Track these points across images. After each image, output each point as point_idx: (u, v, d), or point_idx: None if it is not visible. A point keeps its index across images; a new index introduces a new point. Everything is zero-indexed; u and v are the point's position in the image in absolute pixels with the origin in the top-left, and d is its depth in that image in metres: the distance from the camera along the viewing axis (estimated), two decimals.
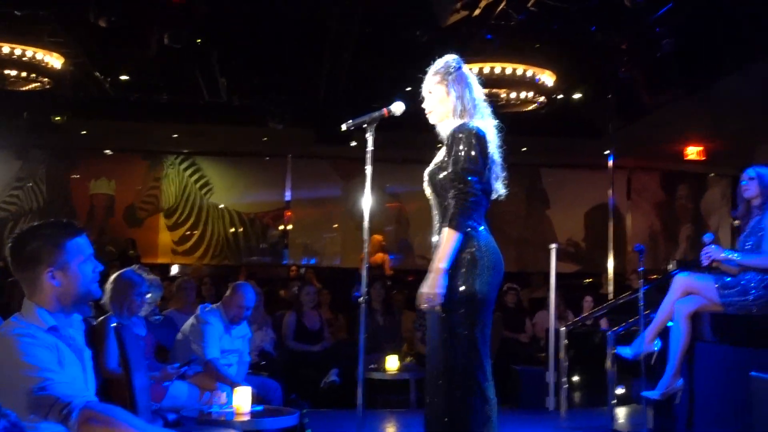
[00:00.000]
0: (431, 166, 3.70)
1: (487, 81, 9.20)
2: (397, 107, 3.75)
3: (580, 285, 14.31)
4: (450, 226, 3.44)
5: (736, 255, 5.12)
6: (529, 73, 9.45)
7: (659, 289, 7.28)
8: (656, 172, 16.48)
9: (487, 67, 9.16)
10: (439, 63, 3.74)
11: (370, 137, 3.73)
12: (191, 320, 5.82)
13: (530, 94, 9.90)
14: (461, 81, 3.69)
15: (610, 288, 11.36)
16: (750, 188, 5.24)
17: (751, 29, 8.22)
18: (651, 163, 15.94)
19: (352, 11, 8.52)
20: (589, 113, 12.20)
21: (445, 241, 3.44)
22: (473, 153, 3.49)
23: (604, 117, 11.55)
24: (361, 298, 3.67)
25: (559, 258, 8.37)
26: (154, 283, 5.68)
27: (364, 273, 3.68)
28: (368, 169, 3.72)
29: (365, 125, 3.75)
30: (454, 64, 3.73)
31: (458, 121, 3.63)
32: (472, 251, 3.48)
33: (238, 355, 5.86)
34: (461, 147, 3.49)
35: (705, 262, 5.27)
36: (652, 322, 5.61)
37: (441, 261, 3.42)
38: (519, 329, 10.25)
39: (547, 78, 9.68)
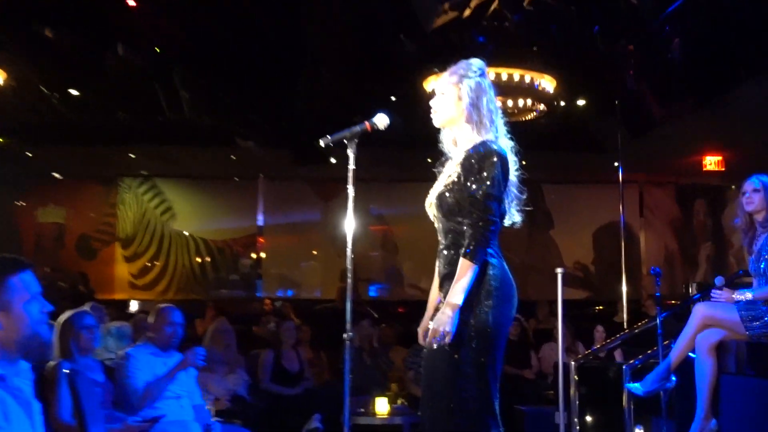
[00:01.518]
0: (439, 185, 3.69)
1: None
2: (380, 120, 3.76)
3: (590, 313, 14.31)
4: (467, 257, 3.44)
5: (749, 293, 5.13)
6: (527, 79, 9.50)
7: (678, 316, 7.30)
8: (670, 186, 16.57)
9: (491, 72, 9.20)
10: (461, 64, 3.76)
11: (351, 154, 3.73)
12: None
13: (529, 102, 9.94)
14: (479, 88, 3.70)
15: (625, 316, 11.37)
16: (754, 201, 5.22)
17: None
18: (664, 176, 16.04)
19: (331, 18, 8.56)
20: (594, 122, 12.26)
21: (461, 273, 3.44)
22: (497, 178, 3.51)
23: (611, 126, 11.61)
24: (346, 335, 3.66)
25: (567, 284, 8.38)
26: (122, 330, 5.70)
27: (348, 306, 3.66)
28: (350, 190, 3.72)
29: (345, 141, 3.75)
30: (475, 68, 3.74)
31: (474, 136, 3.65)
32: (487, 281, 3.50)
33: (188, 397, 5.79)
34: (484, 170, 3.51)
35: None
36: (669, 353, 5.61)
37: (456, 296, 3.42)
38: (524, 364, 10.23)
39: (547, 84, 9.73)
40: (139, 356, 5.65)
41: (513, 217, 3.77)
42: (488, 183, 3.49)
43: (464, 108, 3.66)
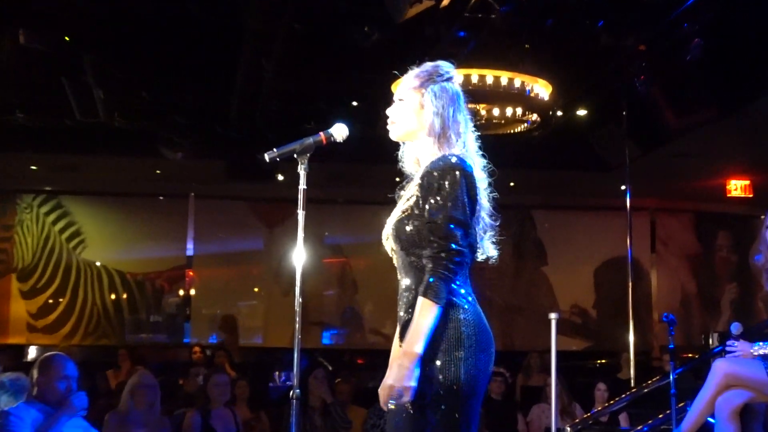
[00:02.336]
0: (396, 212, 3.68)
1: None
2: (339, 131, 3.76)
3: (591, 368, 14.37)
4: (427, 296, 3.39)
5: None
6: (517, 83, 9.57)
7: (696, 373, 7.36)
8: (688, 215, 16.74)
9: (460, 75, 9.23)
10: (424, 66, 3.77)
11: (302, 171, 3.73)
12: None
13: (519, 111, 10.01)
14: (445, 95, 3.70)
15: (632, 372, 11.43)
16: None
17: None
18: (681, 202, 16.19)
19: (277, 3, 8.57)
20: (597, 136, 12.36)
21: (420, 316, 3.39)
22: (460, 198, 3.48)
23: (617, 141, 11.71)
24: (292, 392, 3.64)
25: (562, 332, 8.44)
26: (18, 383, 5.66)
27: (296, 355, 3.65)
28: (300, 214, 3.72)
29: (296, 155, 3.75)
30: (441, 72, 3.76)
31: (436, 151, 3.65)
32: (456, 326, 3.45)
33: None
34: (445, 189, 3.48)
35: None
36: (684, 418, 5.66)
37: (414, 343, 3.37)
38: (509, 429, 10.24)
39: (541, 89, 9.81)
40: (23, 415, 5.58)
41: (486, 250, 3.75)
42: (449, 204, 3.46)
43: (426, 119, 3.66)
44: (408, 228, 3.56)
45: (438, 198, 3.47)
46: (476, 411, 3.53)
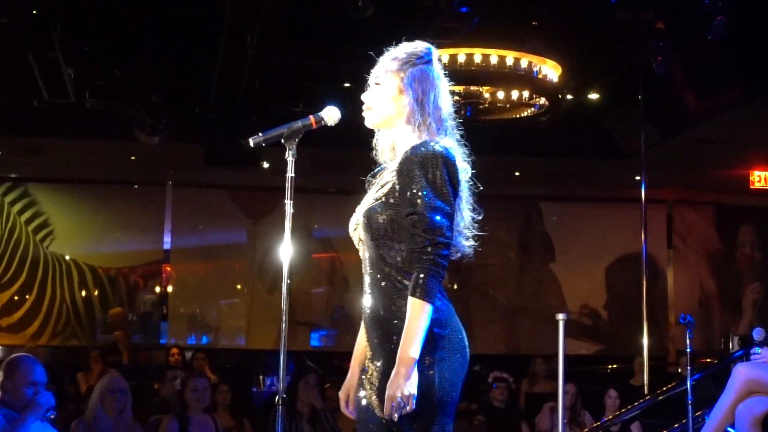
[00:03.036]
0: (367, 200, 3.68)
1: (462, 75, 9.39)
2: (330, 114, 3.75)
3: (601, 374, 14.39)
4: (416, 295, 3.40)
5: None
6: (523, 63, 9.57)
7: (716, 379, 7.37)
8: (708, 208, 16.75)
9: (462, 55, 9.25)
10: (402, 47, 3.76)
11: (290, 157, 3.72)
12: None
13: (526, 94, 10.01)
14: (426, 79, 3.70)
15: (645, 378, 11.46)
16: None
17: None
18: (700, 194, 16.20)
19: None
20: (611, 121, 12.37)
21: (412, 318, 3.39)
22: (443, 187, 3.49)
23: (632, 126, 11.72)
24: (278, 398, 3.64)
25: (571, 334, 8.45)
26: None
27: (282, 358, 3.65)
28: (288, 204, 3.71)
29: (283, 140, 3.74)
30: (421, 53, 3.74)
31: (413, 138, 3.64)
32: (430, 326, 3.44)
33: None
34: (425, 178, 3.48)
35: None
36: (702, 427, 5.66)
37: (409, 348, 3.37)
38: None
39: (550, 71, 9.81)
40: None
41: (462, 246, 3.73)
42: (433, 194, 3.46)
43: (405, 105, 3.66)
44: (381, 218, 3.57)
45: (420, 187, 3.47)
46: (451, 418, 3.55)
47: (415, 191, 3.47)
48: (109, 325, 15.19)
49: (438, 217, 3.44)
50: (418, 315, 3.39)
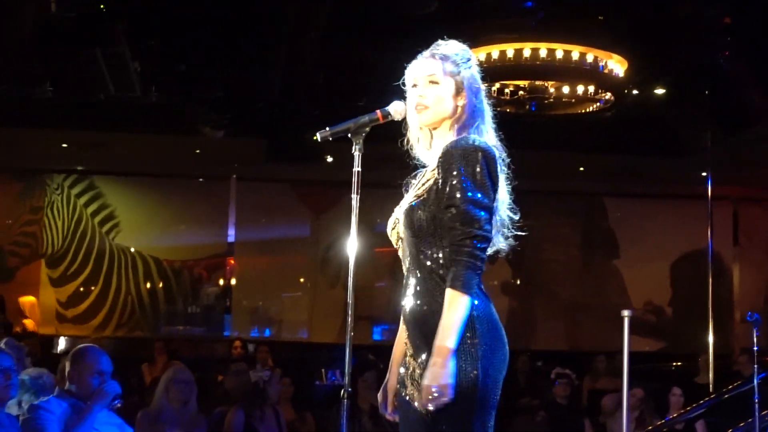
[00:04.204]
0: (408, 198, 3.70)
1: (527, 70, 9.36)
2: (397, 109, 3.74)
3: (665, 371, 14.27)
4: (455, 287, 3.40)
5: None
6: (589, 58, 9.52)
7: None
8: None
9: (527, 50, 9.23)
10: (450, 47, 3.75)
11: (357, 152, 3.71)
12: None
13: (591, 89, 9.96)
14: (476, 81, 3.72)
15: (710, 376, 11.36)
16: None
17: None
18: (766, 191, 16.01)
19: None
20: (676, 117, 12.26)
21: (449, 309, 3.40)
22: (482, 180, 3.48)
23: (698, 122, 11.62)
24: (343, 391, 3.64)
25: (634, 331, 8.36)
26: (39, 382, 5.72)
27: (348, 352, 3.65)
28: (354, 199, 3.71)
29: (350, 134, 3.74)
30: (470, 56, 3.75)
31: (451, 136, 3.64)
32: (470, 323, 3.44)
33: None
34: (465, 171, 3.47)
35: None
36: None
37: (447, 338, 3.38)
38: None
39: (616, 66, 9.75)
40: (53, 409, 5.64)
41: (497, 242, 3.71)
42: (472, 186, 3.46)
43: (461, 106, 3.67)
44: (423, 215, 3.57)
45: (459, 180, 3.47)
46: (493, 415, 3.53)
47: (454, 183, 3.47)
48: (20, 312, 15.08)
49: (477, 210, 3.44)
50: (455, 306, 3.39)
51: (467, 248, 3.41)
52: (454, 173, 3.47)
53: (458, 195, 3.45)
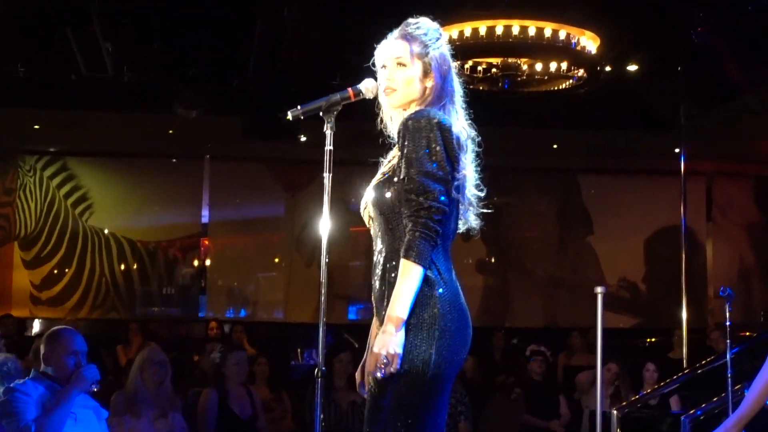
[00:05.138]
0: (376, 177, 3.71)
1: (500, 47, 9.34)
2: (368, 86, 3.75)
3: (640, 347, 14.35)
4: (408, 257, 3.41)
5: None
6: (561, 35, 9.51)
7: (755, 352, 7.32)
8: (748, 180, 16.62)
9: (500, 27, 9.22)
10: (418, 27, 3.74)
11: (328, 131, 3.72)
12: None
13: (564, 66, 9.96)
14: (445, 62, 3.71)
15: (684, 351, 11.42)
16: None
17: None
18: (740, 166, 16.08)
19: None
20: (650, 92, 12.28)
21: (402, 279, 3.42)
22: (436, 151, 3.47)
23: (671, 97, 11.64)
24: (317, 371, 3.65)
25: (609, 307, 8.43)
26: (5, 367, 5.70)
27: (320, 332, 3.65)
28: (326, 177, 3.71)
29: (321, 113, 3.74)
30: (438, 35, 3.75)
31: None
32: (432, 302, 3.47)
33: None
34: (419, 142, 3.47)
35: None
36: (741, 401, 5.63)
37: (397, 307, 3.41)
38: (551, 413, 10.24)
39: (589, 42, 9.75)
40: (30, 392, 5.64)
41: (470, 221, 3.73)
42: (425, 158, 3.46)
43: (428, 87, 3.67)
44: (387, 193, 3.59)
45: (412, 151, 3.48)
46: (444, 398, 3.55)
47: (408, 155, 3.49)
48: None
49: (430, 182, 3.44)
50: (408, 276, 3.41)
51: (422, 219, 3.41)
52: (408, 146, 3.49)
53: (413, 167, 3.46)
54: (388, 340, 3.38)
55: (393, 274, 3.52)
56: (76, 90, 12.37)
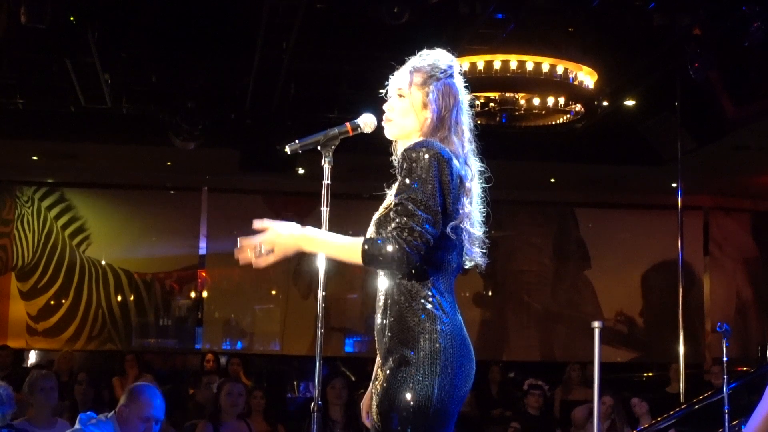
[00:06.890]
0: (378, 212, 3.70)
1: (498, 81, 9.36)
2: (366, 121, 3.75)
3: (637, 381, 14.31)
4: (367, 242, 3.43)
5: None
6: (559, 70, 9.54)
7: (752, 388, 7.30)
8: (746, 215, 16.64)
9: (497, 61, 9.24)
10: (425, 58, 3.73)
11: (326, 164, 3.72)
12: None
13: (561, 101, 9.98)
14: (450, 93, 3.67)
15: (681, 386, 11.39)
16: None
17: None
18: (737, 201, 16.09)
19: None
20: (647, 128, 12.31)
21: (345, 240, 3.47)
22: (429, 181, 3.41)
23: (668, 133, 11.66)
24: (314, 405, 3.63)
25: (606, 341, 8.41)
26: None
27: (318, 364, 3.64)
28: (324, 211, 3.71)
29: (319, 147, 3.74)
30: (444, 66, 3.71)
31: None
32: (433, 338, 3.44)
33: None
34: (414, 172, 3.43)
35: None
36: None
37: (319, 243, 3.54)
38: None
39: (586, 77, 9.78)
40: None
41: (475, 258, 3.69)
42: (416, 186, 3.41)
43: (428, 118, 3.64)
44: (389, 226, 3.51)
45: (407, 179, 3.45)
46: (449, 431, 3.51)
47: (401, 184, 3.48)
48: None
49: (416, 208, 3.39)
50: (350, 246, 3.45)
51: (401, 236, 3.37)
52: (404, 174, 3.47)
53: (403, 194, 3.43)
54: (277, 232, 3.65)
55: (395, 308, 3.52)
56: (75, 121, 12.40)
